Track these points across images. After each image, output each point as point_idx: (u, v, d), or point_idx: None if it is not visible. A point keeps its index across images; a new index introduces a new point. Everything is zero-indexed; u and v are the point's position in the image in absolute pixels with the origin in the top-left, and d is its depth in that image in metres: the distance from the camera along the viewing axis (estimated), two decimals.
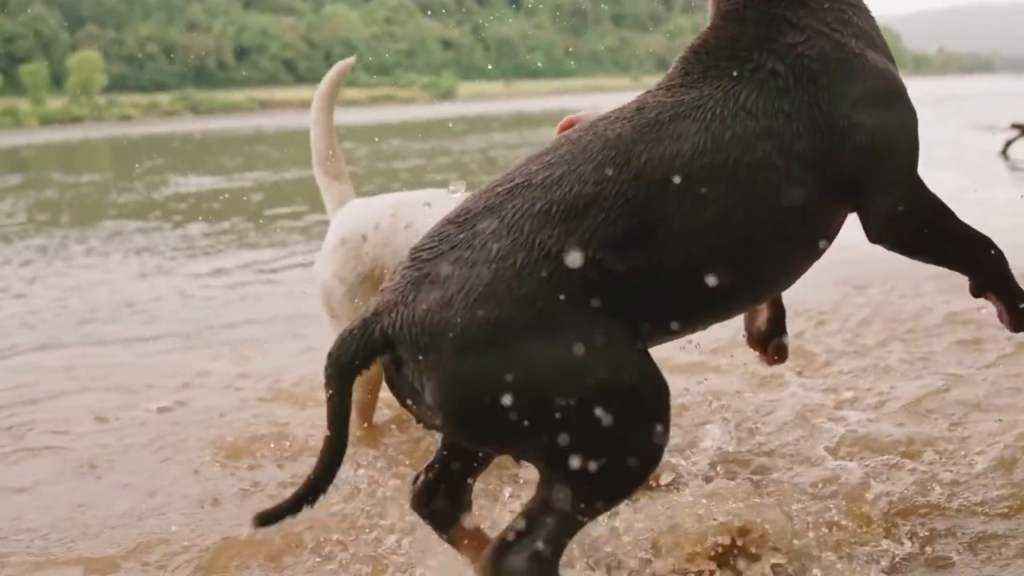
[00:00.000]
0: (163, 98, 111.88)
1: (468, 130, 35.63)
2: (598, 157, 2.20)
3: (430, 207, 3.50)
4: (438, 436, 2.57)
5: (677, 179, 2.17)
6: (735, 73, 2.29)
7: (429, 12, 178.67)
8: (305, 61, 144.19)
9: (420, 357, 2.11)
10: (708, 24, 2.50)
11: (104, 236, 11.92)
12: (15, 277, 9.22)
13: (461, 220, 2.22)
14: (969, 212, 2.81)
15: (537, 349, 2.06)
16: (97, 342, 6.46)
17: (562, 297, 2.08)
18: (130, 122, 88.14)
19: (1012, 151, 15.58)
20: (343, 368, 2.20)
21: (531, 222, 2.13)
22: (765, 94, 2.26)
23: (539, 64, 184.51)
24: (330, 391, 2.19)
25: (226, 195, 16.37)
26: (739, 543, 2.83)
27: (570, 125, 2.95)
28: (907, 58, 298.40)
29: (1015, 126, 15.68)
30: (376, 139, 32.26)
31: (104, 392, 5.23)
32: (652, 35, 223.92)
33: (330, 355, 2.23)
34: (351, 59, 4.36)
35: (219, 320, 6.91)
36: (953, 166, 14.42)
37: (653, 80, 2.50)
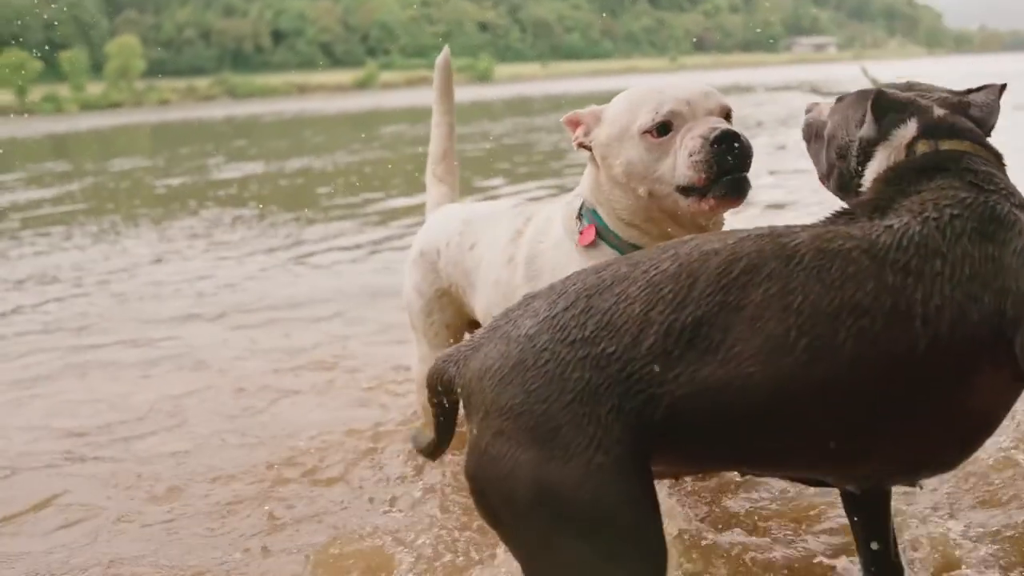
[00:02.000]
0: (201, 82, 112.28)
1: (506, 112, 35.60)
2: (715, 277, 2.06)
3: (494, 227, 3.48)
4: None
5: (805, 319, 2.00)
6: (891, 223, 2.11)
7: None
8: (342, 44, 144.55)
9: (467, 413, 2.20)
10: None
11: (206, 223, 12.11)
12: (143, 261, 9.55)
13: (538, 296, 2.24)
14: None
15: (530, 452, 2.02)
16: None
17: (575, 405, 2.01)
18: (169, 107, 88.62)
19: None
20: (432, 388, 2.34)
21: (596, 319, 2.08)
22: (921, 245, 2.05)
23: (575, 45, 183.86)
24: (432, 399, 2.37)
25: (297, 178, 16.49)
26: None
27: (575, 122, 3.07)
28: (948, 36, 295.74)
29: None
30: (412, 123, 32.39)
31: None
32: (689, 15, 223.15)
33: (428, 375, 2.36)
34: (446, 50, 4.28)
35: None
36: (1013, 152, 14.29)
37: (690, 61, 2.45)
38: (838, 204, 2.37)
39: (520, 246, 3.25)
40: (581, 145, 3.06)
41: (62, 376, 5.83)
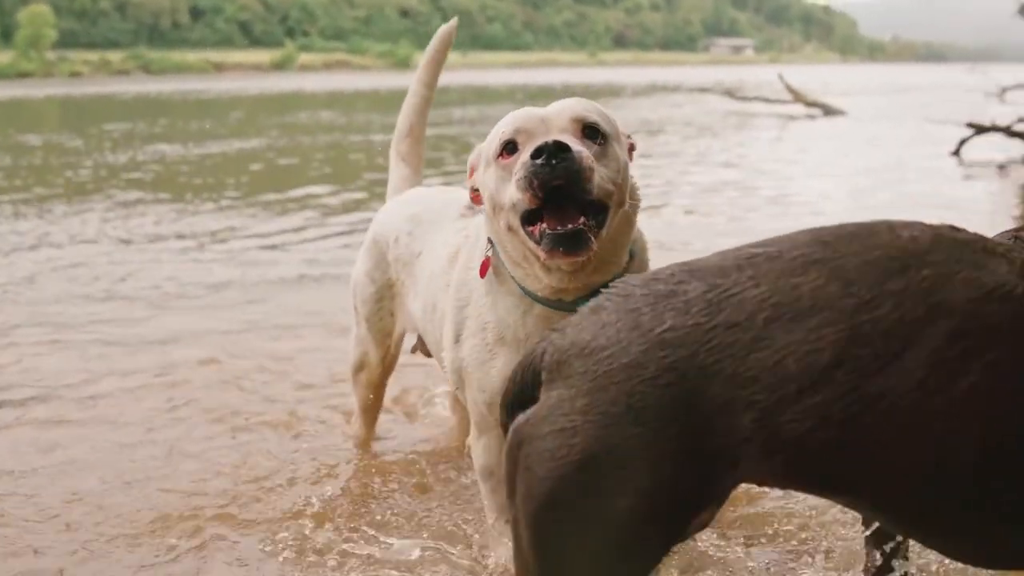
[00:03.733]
0: (115, 56, 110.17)
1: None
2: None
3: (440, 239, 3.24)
4: None
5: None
6: None
7: None
8: (261, 24, 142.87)
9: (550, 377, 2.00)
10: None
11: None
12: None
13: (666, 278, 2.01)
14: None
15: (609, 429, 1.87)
16: None
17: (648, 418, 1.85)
18: (80, 79, 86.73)
19: (965, 150, 15.80)
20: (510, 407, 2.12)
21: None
22: None
23: (496, 36, 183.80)
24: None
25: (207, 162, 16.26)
26: None
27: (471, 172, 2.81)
28: (862, 44, 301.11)
29: (970, 126, 15.88)
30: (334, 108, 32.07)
31: None
32: (611, 11, 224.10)
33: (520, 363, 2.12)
34: (454, 21, 3.98)
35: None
36: (907, 165, 14.71)
37: (610, 56, 2.32)
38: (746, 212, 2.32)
39: (454, 269, 3.02)
40: (473, 189, 2.81)
41: None
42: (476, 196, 2.76)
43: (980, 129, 15.85)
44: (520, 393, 2.05)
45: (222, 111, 32.58)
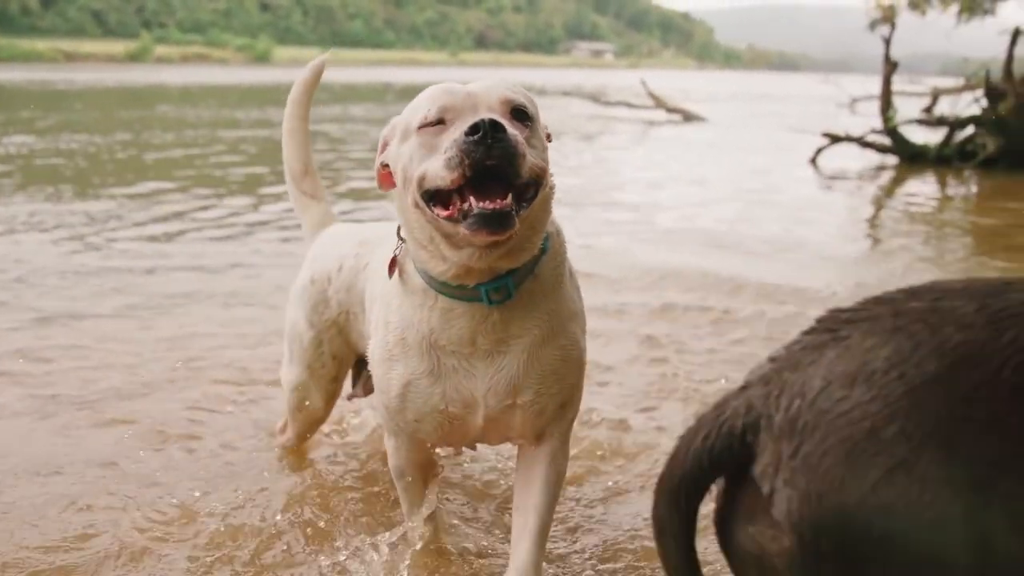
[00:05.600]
0: None
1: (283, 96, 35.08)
2: None
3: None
4: None
5: None
6: None
7: None
8: (115, 14, 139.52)
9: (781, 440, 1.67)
10: None
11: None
12: None
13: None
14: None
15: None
16: None
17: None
18: None
19: (820, 159, 16.33)
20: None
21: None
22: None
23: (358, 33, 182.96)
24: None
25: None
26: None
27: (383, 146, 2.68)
28: (719, 52, 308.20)
29: (826, 135, 16.39)
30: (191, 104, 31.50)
31: None
32: (472, 11, 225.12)
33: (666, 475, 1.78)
34: (325, 56, 3.75)
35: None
36: (766, 173, 15.10)
37: (471, 57, 2.23)
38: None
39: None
40: (383, 165, 2.67)
41: None
42: (386, 174, 2.66)
43: (835, 139, 16.42)
44: (700, 475, 1.73)
45: (73, 102, 31.64)
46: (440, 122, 2.45)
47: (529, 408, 2.68)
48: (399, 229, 2.72)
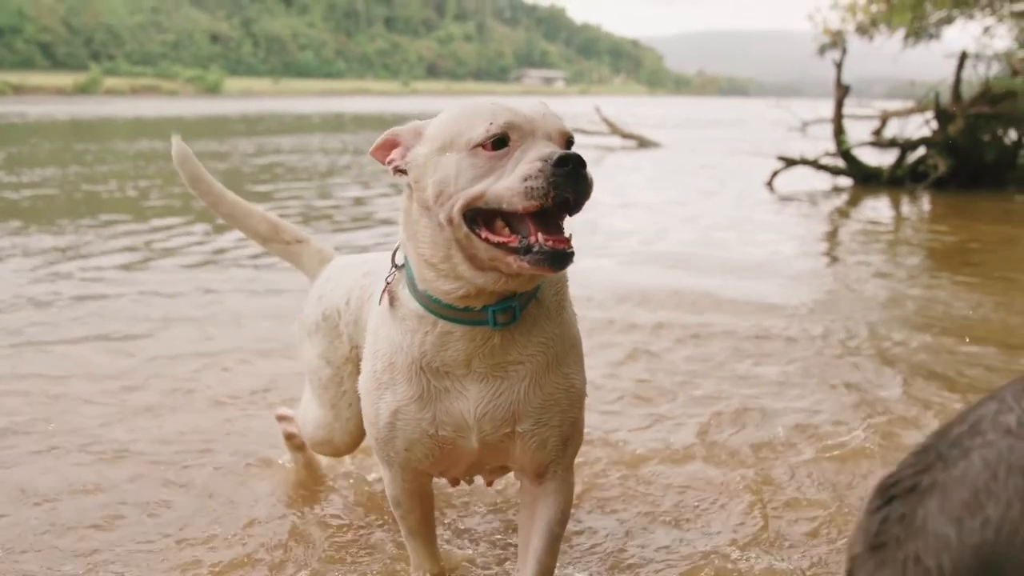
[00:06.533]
0: None
1: (244, 131, 35.03)
2: None
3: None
4: None
5: None
6: None
7: (198, 3, 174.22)
8: (64, 46, 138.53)
9: None
10: None
11: None
12: None
13: None
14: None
15: None
16: None
17: None
18: None
19: (776, 182, 16.59)
20: None
21: None
22: None
23: (308, 63, 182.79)
24: None
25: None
26: None
27: (391, 144, 2.55)
28: (669, 78, 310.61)
29: (781, 159, 16.65)
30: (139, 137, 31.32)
31: None
32: (423, 40, 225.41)
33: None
34: (177, 141, 3.49)
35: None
36: (724, 195, 15.32)
37: (423, 86, 2.05)
38: None
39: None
40: (397, 170, 2.52)
41: None
42: (401, 172, 2.53)
43: (790, 162, 16.66)
44: None
45: (27, 136, 31.41)
46: (501, 142, 2.35)
47: (529, 439, 2.62)
48: (394, 255, 2.68)
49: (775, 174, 16.64)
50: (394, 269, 2.67)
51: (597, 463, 4.18)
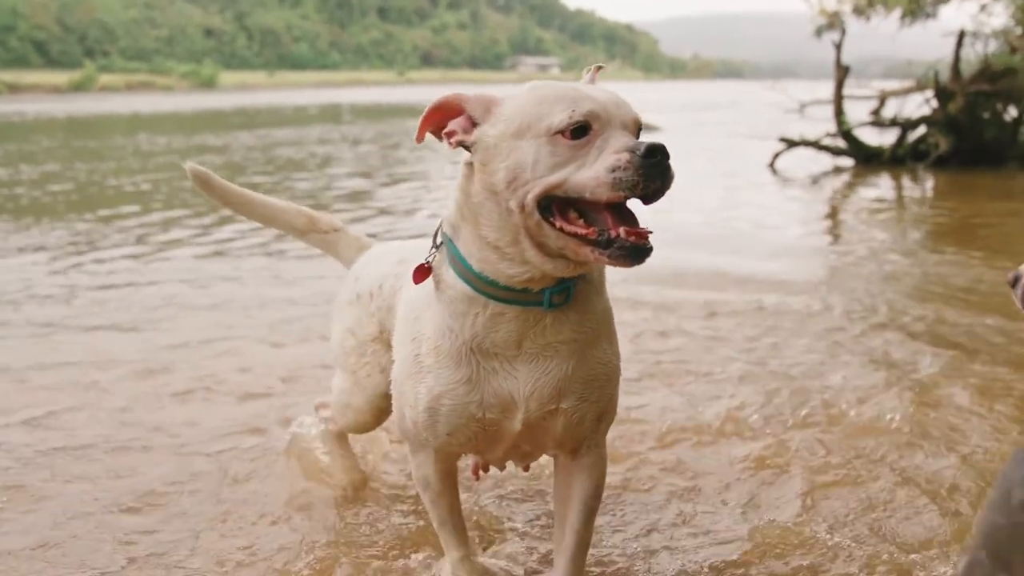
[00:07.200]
0: None
1: (244, 124, 35.00)
2: None
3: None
4: None
5: None
6: None
7: None
8: (58, 44, 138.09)
9: None
10: None
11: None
12: None
13: None
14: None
15: None
16: None
17: None
18: None
19: (778, 163, 16.66)
20: None
21: None
22: None
23: (303, 55, 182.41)
24: None
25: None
26: None
27: (453, 107, 2.47)
28: (664, 62, 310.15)
29: (783, 140, 16.70)
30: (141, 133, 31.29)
31: None
32: (417, 30, 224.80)
33: None
34: (191, 167, 3.48)
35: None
36: (727, 177, 15.37)
37: (418, 75, 1.91)
38: None
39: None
40: (461, 144, 2.42)
41: None
42: (461, 144, 2.44)
43: (791, 143, 16.73)
44: None
45: (28, 133, 31.41)
46: (581, 130, 2.29)
47: (572, 415, 2.59)
48: (436, 234, 2.60)
49: (777, 155, 16.71)
50: (434, 250, 2.60)
51: (622, 439, 4.22)
